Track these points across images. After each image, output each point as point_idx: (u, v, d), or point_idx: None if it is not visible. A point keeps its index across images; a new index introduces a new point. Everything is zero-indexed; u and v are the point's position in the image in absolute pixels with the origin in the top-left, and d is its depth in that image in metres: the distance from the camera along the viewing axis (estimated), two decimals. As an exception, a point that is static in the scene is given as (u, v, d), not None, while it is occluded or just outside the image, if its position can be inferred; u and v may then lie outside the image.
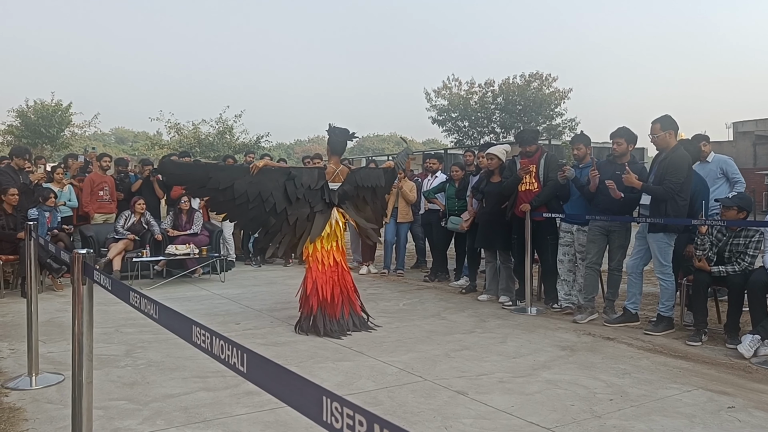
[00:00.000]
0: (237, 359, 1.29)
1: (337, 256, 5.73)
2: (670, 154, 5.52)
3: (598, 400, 3.89)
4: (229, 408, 3.69)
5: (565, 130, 31.95)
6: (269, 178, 5.73)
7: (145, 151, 33.22)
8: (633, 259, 5.90)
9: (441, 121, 33.94)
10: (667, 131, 5.57)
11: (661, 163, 5.57)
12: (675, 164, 5.46)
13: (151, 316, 1.75)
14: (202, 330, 1.43)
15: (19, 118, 27.99)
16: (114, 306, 5.94)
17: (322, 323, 5.48)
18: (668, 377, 4.36)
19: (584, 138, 6.71)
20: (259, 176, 5.70)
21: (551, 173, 6.59)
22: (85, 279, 2.35)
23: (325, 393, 1.00)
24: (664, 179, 5.47)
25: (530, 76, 32.61)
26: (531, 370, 4.51)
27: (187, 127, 28.90)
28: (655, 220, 5.50)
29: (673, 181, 5.43)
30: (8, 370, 4.42)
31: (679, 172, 5.45)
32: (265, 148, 29.10)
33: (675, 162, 5.47)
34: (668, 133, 5.57)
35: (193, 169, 6.28)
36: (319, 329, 5.44)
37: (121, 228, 8.59)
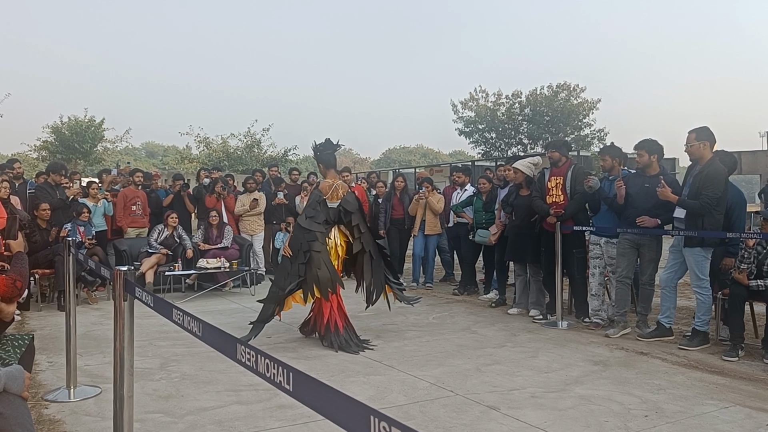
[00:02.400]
0: (282, 378, 1.31)
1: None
2: (705, 168, 5.46)
3: (633, 416, 3.84)
4: (263, 422, 3.72)
5: (594, 141, 31.66)
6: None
7: (174, 165, 33.77)
8: (667, 273, 5.82)
9: (468, 132, 33.88)
10: (702, 142, 5.51)
11: (696, 177, 5.50)
12: (712, 178, 5.40)
13: (195, 333, 1.79)
14: (247, 348, 1.47)
15: (53, 134, 28.66)
16: (147, 319, 6.04)
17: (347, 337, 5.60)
18: (704, 393, 4.29)
19: (611, 149, 6.65)
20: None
21: (578, 186, 6.55)
22: (126, 295, 2.41)
23: (372, 412, 1.02)
24: (700, 193, 5.40)
25: (558, 86, 32.45)
26: (563, 385, 4.47)
27: (216, 141, 29.36)
28: (690, 233, 5.44)
29: (710, 195, 5.37)
30: (47, 383, 4.52)
31: (716, 186, 5.39)
32: (293, 161, 29.40)
33: (711, 176, 5.41)
34: (703, 144, 5.51)
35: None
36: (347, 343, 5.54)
37: (154, 242, 8.74)
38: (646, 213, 5.83)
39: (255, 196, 9.86)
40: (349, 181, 10.58)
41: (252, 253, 9.53)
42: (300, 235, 5.64)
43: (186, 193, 10.08)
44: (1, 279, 3.00)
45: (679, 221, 5.63)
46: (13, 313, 3.14)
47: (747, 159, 27.00)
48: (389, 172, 29.02)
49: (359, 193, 10.28)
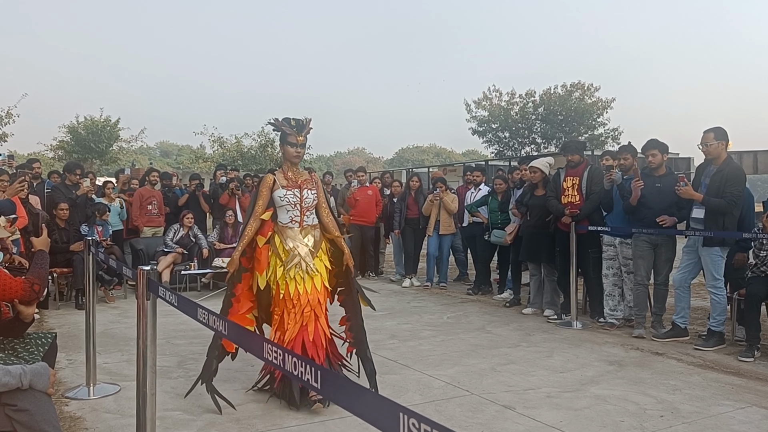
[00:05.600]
0: (310, 376, 1.34)
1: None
2: (725, 167, 5.47)
3: (649, 416, 3.85)
4: (280, 420, 3.76)
5: (608, 140, 31.48)
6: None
7: (189, 164, 33.98)
8: (681, 273, 5.80)
9: (481, 132, 33.80)
10: (720, 142, 5.52)
11: (715, 176, 5.49)
12: (734, 176, 5.42)
13: (221, 332, 1.82)
14: (274, 347, 1.50)
15: (70, 134, 28.94)
16: (164, 318, 6.09)
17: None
18: (720, 394, 4.28)
19: (628, 148, 6.63)
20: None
21: (595, 186, 6.54)
22: (149, 294, 2.45)
23: (401, 409, 1.04)
24: (724, 192, 5.41)
25: (572, 85, 32.29)
26: (579, 385, 4.48)
27: (230, 141, 29.52)
28: (707, 233, 5.42)
29: (735, 193, 5.39)
30: (67, 380, 4.58)
31: (739, 184, 5.43)
32: (306, 160, 29.48)
33: (733, 174, 5.43)
34: (720, 143, 5.52)
35: None
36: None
37: (170, 241, 8.82)
38: (661, 213, 5.82)
39: (269, 196, 9.91)
40: (364, 180, 10.62)
41: (267, 252, 9.57)
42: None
43: (201, 193, 10.17)
44: (19, 282, 3.02)
45: (696, 221, 5.61)
46: (33, 314, 3.18)
47: (764, 158, 26.68)
48: (402, 172, 29.03)
49: (373, 193, 10.36)
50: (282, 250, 4.14)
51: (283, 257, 4.12)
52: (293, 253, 4.12)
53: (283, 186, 4.20)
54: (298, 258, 4.11)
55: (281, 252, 4.13)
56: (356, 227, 10.15)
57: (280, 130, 4.25)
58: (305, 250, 4.15)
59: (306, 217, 4.24)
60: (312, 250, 4.20)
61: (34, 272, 3.15)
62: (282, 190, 4.19)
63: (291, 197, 4.19)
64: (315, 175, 4.46)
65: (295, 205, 4.20)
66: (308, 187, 4.27)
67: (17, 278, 3.03)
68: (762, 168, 25.74)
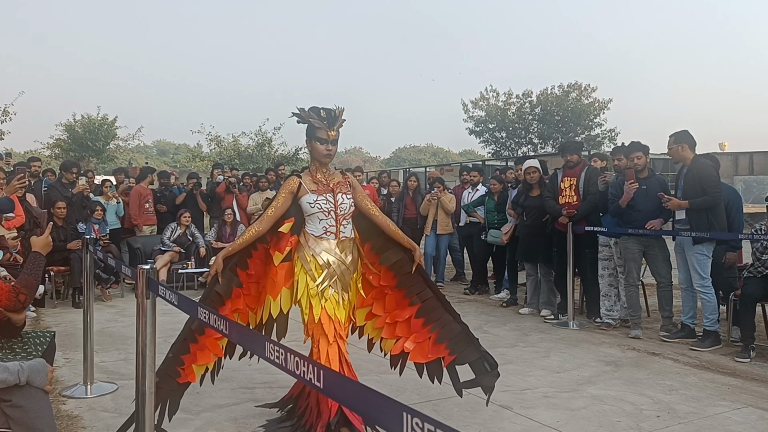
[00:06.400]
0: (313, 375, 1.34)
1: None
2: (693, 166, 5.62)
3: (645, 416, 3.86)
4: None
5: (605, 141, 31.53)
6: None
7: (186, 163, 33.94)
8: (682, 273, 5.82)
9: (478, 132, 33.81)
10: (680, 145, 5.68)
11: (687, 176, 5.64)
12: (705, 172, 5.56)
13: (222, 331, 1.83)
14: (276, 346, 1.50)
15: (67, 132, 28.87)
16: (161, 317, 6.09)
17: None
18: (717, 394, 4.30)
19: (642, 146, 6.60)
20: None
21: (592, 186, 6.56)
22: (149, 293, 2.46)
23: (405, 409, 1.05)
24: (703, 189, 5.50)
25: (569, 86, 32.31)
26: (576, 385, 4.49)
27: (227, 140, 29.46)
28: (701, 234, 5.46)
29: (713, 186, 5.51)
30: (64, 379, 4.58)
31: (713, 178, 5.57)
32: (304, 160, 29.46)
33: (704, 170, 5.57)
34: (681, 146, 5.69)
35: None
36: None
37: (168, 240, 8.82)
38: (649, 215, 5.88)
39: (268, 195, 9.92)
40: (361, 180, 10.63)
41: (264, 251, 9.57)
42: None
43: (199, 192, 10.17)
44: (4, 290, 2.90)
45: (680, 222, 5.67)
46: (24, 319, 3.13)
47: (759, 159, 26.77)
48: (399, 171, 29.05)
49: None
50: (315, 265, 3.42)
51: (317, 274, 3.41)
52: (329, 269, 3.42)
53: (312, 191, 3.48)
54: (334, 275, 3.43)
55: (314, 268, 3.41)
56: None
57: (306, 123, 3.50)
58: (342, 267, 3.45)
59: (342, 227, 3.49)
60: (349, 267, 3.49)
61: (23, 280, 2.99)
62: (311, 196, 3.47)
63: (323, 203, 3.46)
64: (350, 177, 3.70)
65: (329, 213, 3.46)
66: (342, 190, 3.53)
67: (4, 285, 2.94)
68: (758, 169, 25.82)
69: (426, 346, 3.63)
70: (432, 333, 3.60)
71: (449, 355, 3.62)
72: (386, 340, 3.70)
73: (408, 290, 3.63)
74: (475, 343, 3.71)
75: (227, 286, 3.42)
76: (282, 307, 3.45)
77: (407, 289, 3.64)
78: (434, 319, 3.62)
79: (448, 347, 3.62)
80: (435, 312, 3.64)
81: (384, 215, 3.77)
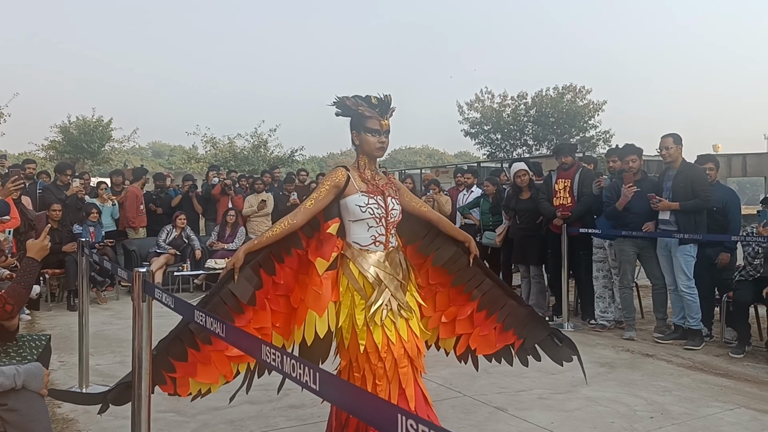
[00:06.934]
0: (309, 378, 1.36)
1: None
2: (684, 169, 5.70)
3: (639, 417, 3.89)
4: (273, 421, 3.78)
5: (599, 142, 31.62)
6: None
7: (181, 165, 33.87)
8: (669, 275, 5.86)
9: (473, 133, 33.89)
10: (678, 146, 5.76)
11: (677, 179, 5.68)
12: (698, 176, 5.65)
13: (218, 334, 1.84)
14: (272, 349, 1.51)
15: (61, 134, 28.80)
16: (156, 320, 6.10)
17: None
18: (710, 395, 4.33)
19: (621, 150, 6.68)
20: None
21: (586, 188, 6.60)
22: (145, 296, 2.47)
23: (399, 411, 1.07)
24: (695, 192, 5.57)
25: (563, 88, 32.41)
26: (570, 386, 4.52)
27: (223, 141, 29.44)
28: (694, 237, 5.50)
29: (706, 190, 5.59)
30: (59, 382, 4.58)
31: (705, 182, 5.66)
32: (299, 161, 29.46)
33: (697, 174, 5.66)
34: (678, 147, 5.77)
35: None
36: None
37: (163, 242, 8.82)
38: (643, 217, 5.93)
39: (263, 197, 9.93)
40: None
41: (260, 253, 9.58)
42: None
43: (194, 194, 10.17)
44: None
45: (665, 223, 5.71)
46: (17, 323, 3.11)
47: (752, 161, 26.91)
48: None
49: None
50: (364, 283, 2.89)
51: (367, 293, 2.88)
52: (380, 288, 2.88)
53: (362, 191, 2.94)
54: (387, 295, 2.89)
55: (364, 286, 2.88)
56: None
57: (352, 113, 2.97)
58: (395, 283, 2.93)
59: (391, 236, 3.01)
60: (402, 282, 2.97)
61: (11, 290, 2.87)
62: (362, 197, 2.92)
63: (375, 207, 2.92)
64: (394, 178, 3.22)
65: (381, 219, 2.93)
66: (390, 193, 3.03)
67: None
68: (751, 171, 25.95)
69: (492, 336, 3.35)
70: (498, 323, 3.34)
71: (518, 340, 3.39)
72: (444, 340, 3.38)
73: (467, 285, 3.27)
74: (543, 323, 3.49)
75: (245, 288, 2.81)
76: (330, 324, 2.87)
77: (466, 283, 3.27)
78: (498, 308, 3.33)
79: (516, 332, 3.37)
80: (498, 301, 3.33)
81: (434, 210, 3.43)
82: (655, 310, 6.17)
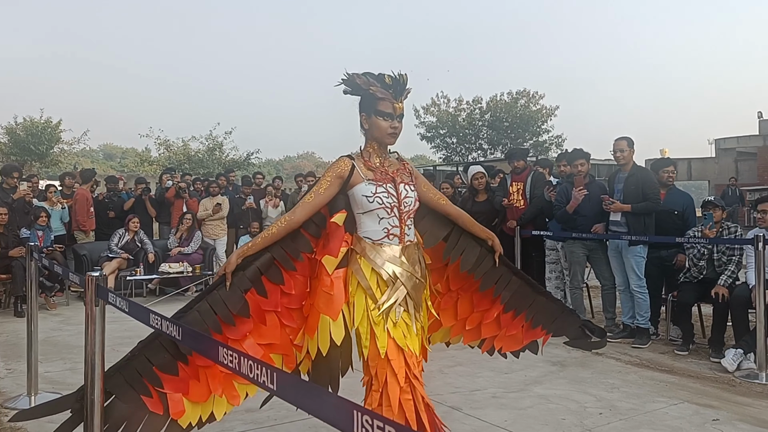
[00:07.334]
0: (266, 378, 1.38)
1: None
2: (635, 172, 5.88)
3: (589, 414, 4.01)
4: (229, 425, 3.76)
5: (552, 147, 32.29)
6: None
7: (133, 168, 33.21)
8: (619, 275, 6.04)
9: (429, 137, 34.17)
10: (631, 149, 5.93)
11: (629, 181, 5.85)
12: (649, 179, 5.85)
13: (174, 338, 1.84)
14: (230, 351, 1.53)
15: (8, 135, 27.91)
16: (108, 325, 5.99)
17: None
18: (656, 391, 4.49)
19: (570, 155, 6.86)
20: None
21: (537, 190, 6.77)
22: (98, 301, 2.44)
23: (355, 407, 1.10)
24: (645, 194, 5.75)
25: (517, 93, 32.98)
26: (523, 385, 4.62)
27: (177, 144, 28.99)
28: (641, 238, 5.69)
29: (656, 192, 5.78)
30: (6, 390, 4.47)
31: (655, 185, 5.84)
32: (255, 164, 29.20)
33: (648, 177, 5.87)
34: (631, 150, 5.94)
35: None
36: None
37: (115, 246, 8.65)
38: (592, 219, 6.11)
39: (218, 201, 9.84)
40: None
41: (215, 257, 9.50)
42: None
43: (148, 197, 10.01)
44: None
45: (616, 224, 5.90)
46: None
47: (696, 166, 27.92)
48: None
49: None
50: (375, 281, 2.59)
51: (379, 293, 2.57)
52: (395, 285, 2.59)
53: (369, 179, 2.64)
54: (403, 292, 2.60)
55: (375, 285, 2.58)
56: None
57: (362, 93, 2.66)
58: (413, 281, 2.63)
59: (407, 227, 2.68)
60: (420, 280, 2.68)
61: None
62: (368, 186, 2.62)
63: (384, 196, 2.62)
64: (409, 164, 2.85)
65: (392, 209, 2.63)
66: (404, 180, 2.72)
67: None
68: (695, 175, 26.92)
69: (519, 335, 3.18)
70: (526, 322, 3.14)
71: (546, 334, 3.27)
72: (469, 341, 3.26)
73: (496, 287, 3.00)
74: (574, 316, 3.37)
75: (237, 296, 2.49)
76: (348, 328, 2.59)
77: (495, 286, 3.00)
78: (526, 306, 3.10)
79: (545, 328, 3.23)
80: (526, 299, 3.09)
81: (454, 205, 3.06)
82: (604, 309, 6.35)
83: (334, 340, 2.50)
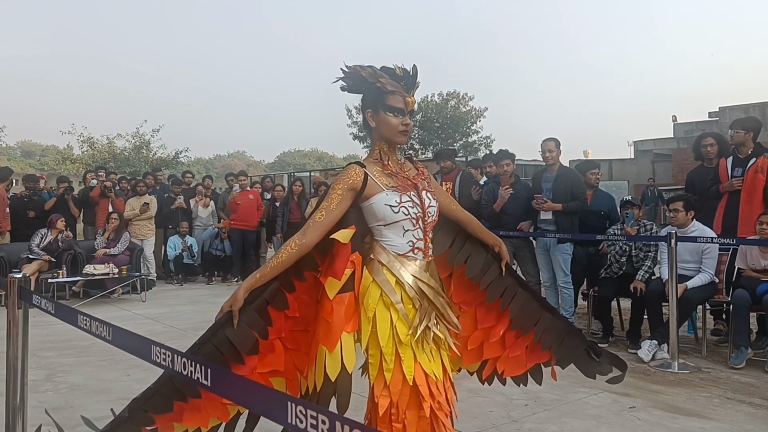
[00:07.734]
0: (200, 374, 1.39)
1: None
2: (563, 173, 6.15)
3: (515, 405, 4.16)
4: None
5: (481, 147, 33.03)
6: None
7: (54, 166, 31.87)
8: (547, 273, 6.27)
9: (362, 137, 34.30)
10: (558, 150, 6.18)
11: (557, 181, 6.08)
12: (577, 179, 6.13)
13: (104, 338, 1.81)
14: (162, 349, 1.53)
15: None
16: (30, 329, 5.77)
17: None
18: (578, 382, 4.68)
19: (496, 156, 7.08)
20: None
21: (465, 190, 6.96)
22: (21, 303, 2.38)
23: (289, 398, 1.14)
24: (574, 194, 6.00)
25: (448, 94, 33.58)
26: (453, 380, 4.73)
27: (101, 142, 27.99)
28: (566, 236, 5.93)
29: (583, 192, 6.06)
30: None
31: (582, 185, 6.12)
32: (184, 163, 28.55)
33: (576, 178, 6.15)
34: (559, 151, 6.20)
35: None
36: None
37: (36, 247, 8.31)
38: (518, 217, 6.34)
39: (146, 200, 9.60)
40: (245, 184, 10.53)
41: (142, 258, 9.26)
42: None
43: (71, 197, 9.66)
44: None
45: (546, 222, 6.13)
46: None
47: (617, 166, 29.15)
48: (284, 176, 28.86)
49: (254, 197, 10.29)
50: (405, 297, 2.30)
51: (411, 313, 2.30)
52: (424, 303, 2.33)
53: (390, 187, 2.33)
54: (432, 312, 2.35)
55: (404, 301, 2.30)
56: (237, 231, 10.08)
57: (368, 88, 2.34)
58: (440, 300, 2.40)
59: (430, 241, 2.42)
60: (447, 297, 2.47)
61: None
62: (391, 194, 2.31)
63: (410, 206, 2.33)
64: (425, 168, 2.56)
65: (418, 221, 2.35)
66: (425, 187, 2.43)
67: None
68: (616, 175, 28.10)
69: (523, 357, 2.85)
70: (535, 342, 2.83)
71: (552, 356, 2.94)
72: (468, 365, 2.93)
73: (503, 299, 2.72)
74: (580, 336, 3.03)
75: (246, 335, 2.21)
76: (345, 362, 2.20)
77: (501, 298, 2.72)
78: (533, 324, 2.79)
79: (553, 351, 2.91)
80: (533, 316, 2.79)
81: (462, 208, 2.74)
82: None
83: (328, 375, 2.17)
